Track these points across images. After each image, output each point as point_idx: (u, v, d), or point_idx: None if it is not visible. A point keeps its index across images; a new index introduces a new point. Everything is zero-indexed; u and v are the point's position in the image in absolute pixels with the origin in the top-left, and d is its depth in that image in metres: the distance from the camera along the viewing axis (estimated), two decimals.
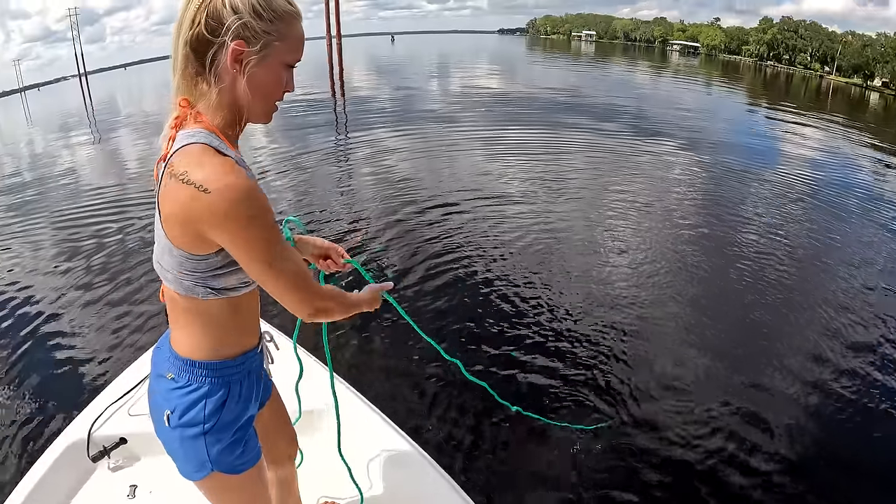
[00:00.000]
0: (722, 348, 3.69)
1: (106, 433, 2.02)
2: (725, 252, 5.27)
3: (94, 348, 4.13)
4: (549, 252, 5.24)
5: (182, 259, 1.01)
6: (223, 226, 0.94)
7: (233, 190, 0.93)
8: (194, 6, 0.97)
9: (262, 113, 1.07)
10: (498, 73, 30.44)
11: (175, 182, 0.95)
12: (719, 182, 7.79)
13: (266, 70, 1.01)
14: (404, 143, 11.04)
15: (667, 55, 67.29)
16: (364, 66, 42.34)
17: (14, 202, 9.85)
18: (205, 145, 0.97)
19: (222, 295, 1.07)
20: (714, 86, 26.62)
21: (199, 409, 1.11)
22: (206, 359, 1.12)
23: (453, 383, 3.32)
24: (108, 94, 50.14)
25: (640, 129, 11.52)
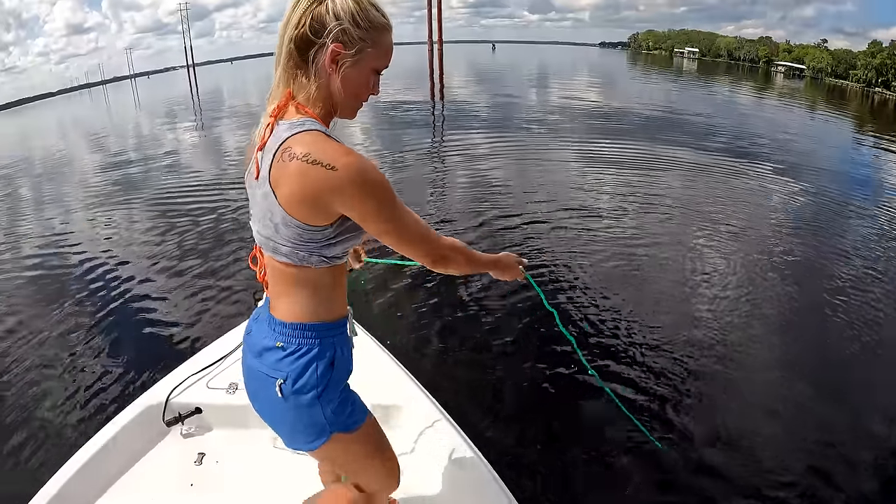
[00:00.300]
0: (807, 386, 3.50)
1: (183, 401, 2.16)
2: (818, 285, 5.02)
3: (180, 320, 4.48)
4: (633, 269, 5.24)
5: (301, 231, 1.14)
6: (352, 196, 1.10)
7: (356, 165, 1.09)
8: (301, 9, 1.13)
9: (350, 109, 1.23)
10: (597, 86, 30.17)
11: (297, 163, 1.09)
12: (817, 212, 7.49)
13: (358, 72, 1.17)
14: (497, 149, 11.41)
15: (771, 76, 63.96)
16: (464, 72, 42.82)
17: (120, 177, 10.79)
18: (319, 132, 1.13)
19: (331, 263, 1.22)
20: (818, 111, 25.12)
21: (311, 373, 1.22)
22: (314, 321, 1.24)
23: (515, 380, 3.47)
24: (214, 85, 53.06)
25: (738, 151, 11.39)
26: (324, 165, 1.08)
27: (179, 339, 4.16)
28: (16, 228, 8.19)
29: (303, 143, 1.11)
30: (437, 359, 3.81)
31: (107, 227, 7.58)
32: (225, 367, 2.32)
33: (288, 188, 1.12)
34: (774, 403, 3.35)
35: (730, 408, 3.27)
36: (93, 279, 5.51)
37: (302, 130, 1.13)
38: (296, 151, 1.10)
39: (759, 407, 3.30)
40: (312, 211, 1.13)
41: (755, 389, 3.48)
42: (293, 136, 1.12)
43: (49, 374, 3.84)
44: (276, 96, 1.19)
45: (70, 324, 4.59)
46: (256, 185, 1.20)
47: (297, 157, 1.10)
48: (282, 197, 1.13)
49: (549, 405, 3.31)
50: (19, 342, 4.35)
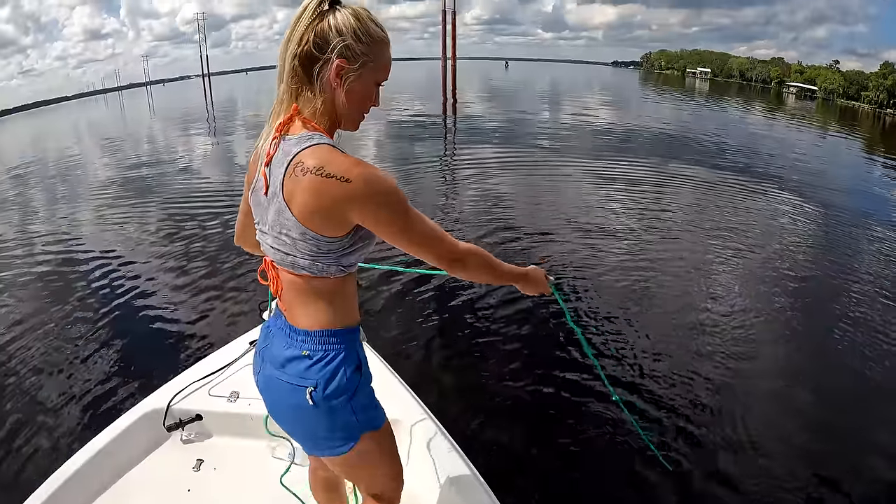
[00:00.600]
0: (813, 414, 3.44)
1: (184, 407, 2.18)
2: (828, 309, 4.95)
3: (185, 326, 4.52)
4: (644, 287, 5.19)
5: (319, 243, 1.16)
6: (367, 206, 1.13)
7: (368, 175, 1.11)
8: (303, 26, 1.14)
9: (353, 121, 1.25)
10: (609, 104, 30.28)
11: (311, 177, 1.11)
12: (828, 234, 7.47)
13: (361, 85, 1.19)
14: (507, 165, 11.51)
15: (782, 97, 63.95)
16: (476, 88, 43.24)
17: (132, 181, 10.98)
18: (329, 145, 1.15)
19: (348, 271, 1.25)
20: (829, 132, 25.10)
21: (340, 377, 1.24)
22: (338, 327, 1.26)
23: (516, 398, 3.43)
24: (228, 95, 53.80)
25: (749, 171, 11.40)
26: (338, 178, 1.10)
27: (184, 345, 4.18)
28: (27, 228, 8.33)
29: (315, 157, 1.12)
30: (434, 370, 3.79)
31: (116, 229, 7.68)
32: (227, 376, 2.34)
33: (302, 202, 1.13)
34: (786, 420, 3.33)
35: (741, 428, 3.21)
36: (101, 281, 5.58)
37: (312, 144, 1.14)
38: (308, 165, 1.12)
39: (772, 425, 3.27)
40: (329, 222, 1.15)
41: (769, 408, 3.45)
42: (304, 151, 1.14)
43: (53, 374, 3.86)
44: (280, 111, 1.21)
45: (76, 324, 4.63)
46: (266, 200, 1.21)
47: (310, 171, 1.11)
48: (297, 211, 1.14)
49: (552, 422, 3.26)
50: (26, 341, 4.38)
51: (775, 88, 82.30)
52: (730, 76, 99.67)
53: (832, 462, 2.96)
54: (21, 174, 14.10)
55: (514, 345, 4.06)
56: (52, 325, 4.65)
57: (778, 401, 3.55)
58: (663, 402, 3.42)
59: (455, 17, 71.77)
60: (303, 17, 1.15)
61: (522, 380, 3.65)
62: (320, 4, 1.15)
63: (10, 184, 13.10)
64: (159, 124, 28.20)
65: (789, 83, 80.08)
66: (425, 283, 4.97)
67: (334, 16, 1.15)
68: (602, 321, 4.47)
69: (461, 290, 4.86)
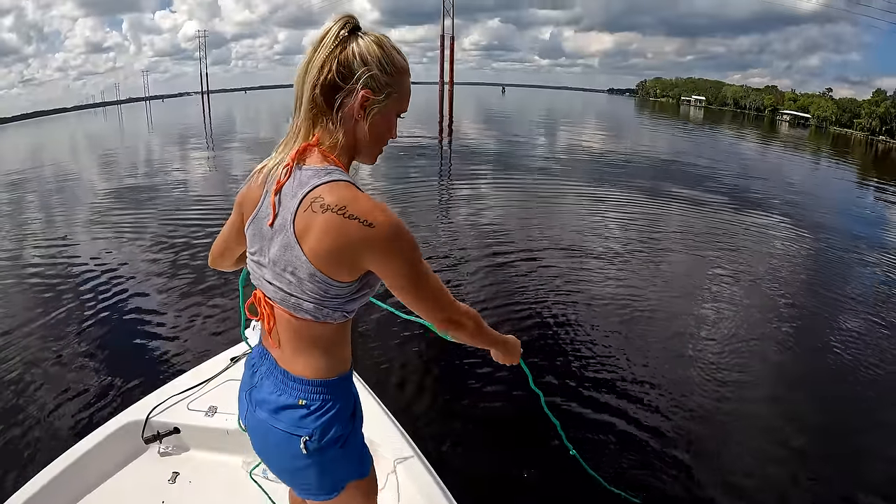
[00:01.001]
0: (805, 447, 3.38)
1: (162, 420, 2.18)
2: (821, 336, 4.93)
3: (168, 339, 4.50)
4: (631, 317, 5.09)
5: (327, 286, 1.10)
6: (384, 255, 1.08)
7: (392, 224, 1.06)
8: (324, 53, 1.09)
9: (372, 155, 1.21)
10: (604, 132, 30.45)
11: (331, 215, 1.05)
12: (820, 260, 7.49)
13: (383, 117, 1.15)
14: (502, 190, 11.55)
15: (776, 125, 64.76)
16: (473, 112, 43.69)
17: (125, 194, 11.04)
18: (349, 182, 1.09)
19: (349, 316, 1.19)
20: (822, 159, 25.45)
21: (337, 426, 1.19)
22: (334, 376, 1.21)
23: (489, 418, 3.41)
24: (227, 113, 54.04)
25: (741, 198, 11.45)
26: (360, 220, 1.04)
27: (165, 357, 4.18)
28: (18, 236, 8.35)
29: (336, 194, 1.06)
30: (412, 394, 3.75)
31: (105, 241, 7.71)
32: (206, 391, 2.34)
33: (317, 240, 1.07)
34: (786, 455, 3.26)
35: (728, 479, 3.07)
36: (87, 292, 5.58)
37: (332, 180, 1.08)
38: (328, 202, 1.05)
39: (772, 461, 3.20)
40: (341, 265, 1.09)
41: (742, 449, 3.34)
42: (323, 185, 1.07)
43: (34, 382, 3.84)
44: (297, 140, 1.14)
45: (60, 333, 4.62)
46: (272, 232, 1.14)
47: (330, 209, 1.05)
48: (309, 249, 1.08)
49: (524, 475, 3.06)
50: (6, 348, 4.37)
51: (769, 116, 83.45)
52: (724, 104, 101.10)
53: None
54: (17, 183, 14.15)
55: (496, 375, 3.92)
56: (34, 333, 4.65)
57: (774, 435, 3.46)
58: (639, 448, 3.27)
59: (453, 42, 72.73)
60: (324, 44, 1.09)
61: (499, 410, 3.60)
62: (342, 30, 1.10)
63: (5, 192, 13.15)
64: (157, 139, 28.32)
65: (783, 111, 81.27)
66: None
67: (357, 43, 1.10)
68: (589, 349, 4.42)
69: None
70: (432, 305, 1.19)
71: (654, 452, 3.20)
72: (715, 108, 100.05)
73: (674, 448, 3.22)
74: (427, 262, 1.15)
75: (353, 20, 1.12)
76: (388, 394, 2.71)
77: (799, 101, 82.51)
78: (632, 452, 3.20)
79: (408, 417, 2.87)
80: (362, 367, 2.68)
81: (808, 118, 73.35)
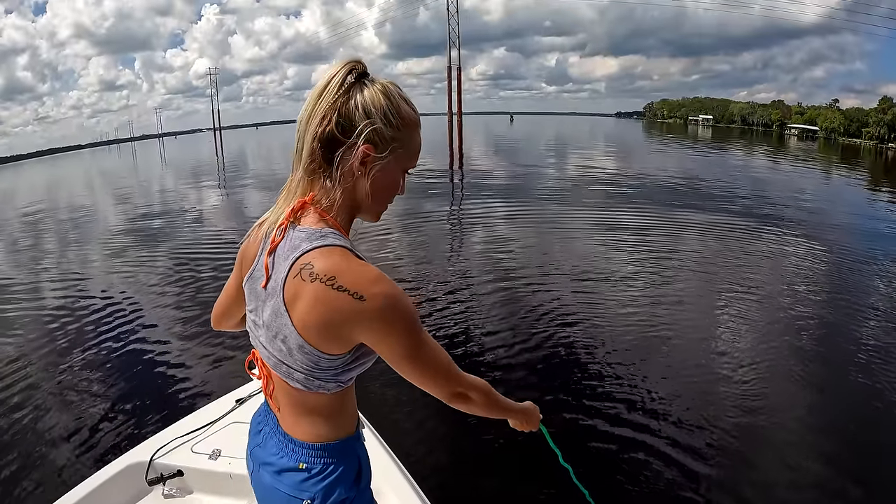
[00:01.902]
0: (834, 463, 3.28)
1: (166, 462, 2.16)
2: (842, 349, 4.83)
3: (174, 380, 4.49)
4: (650, 338, 5.04)
5: (317, 359, 1.03)
6: (378, 330, 0.99)
7: (386, 297, 0.97)
8: (326, 103, 1.00)
9: (375, 213, 1.11)
10: (613, 155, 30.40)
11: (320, 286, 0.96)
12: (839, 273, 7.33)
13: (387, 174, 1.05)
14: (514, 218, 11.55)
15: (785, 139, 64.57)
16: (482, 142, 43.99)
17: (139, 231, 11.33)
18: (344, 248, 1.00)
19: (347, 385, 1.11)
20: (833, 170, 25.30)
21: (340, 490, 1.12)
22: (336, 439, 1.14)
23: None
24: (239, 148, 54.91)
25: (755, 215, 11.33)
26: (350, 293, 0.95)
27: (171, 397, 4.18)
28: (33, 271, 8.61)
29: (326, 262, 0.97)
30: (427, 448, 3.53)
31: (116, 277, 7.85)
32: (210, 434, 2.32)
33: (305, 311, 0.99)
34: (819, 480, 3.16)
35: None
36: (96, 328, 5.66)
37: (325, 245, 0.99)
38: (318, 270, 0.97)
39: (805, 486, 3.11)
40: (330, 339, 1.00)
41: (771, 469, 3.25)
42: (314, 251, 0.99)
43: (39, 418, 3.87)
44: (293, 195, 1.06)
45: (66, 369, 4.67)
46: (265, 294, 1.06)
47: (319, 279, 0.96)
48: (297, 320, 1.00)
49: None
50: (14, 383, 4.45)
51: (777, 131, 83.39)
52: (731, 122, 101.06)
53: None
54: (34, 218, 14.59)
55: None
56: (41, 367, 4.73)
57: (796, 449, 3.40)
58: (673, 456, 3.27)
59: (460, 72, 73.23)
60: (326, 92, 1.01)
61: (518, 466, 3.34)
62: (347, 78, 1.01)
63: (22, 227, 13.61)
64: (170, 176, 28.81)
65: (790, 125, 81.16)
66: None
67: (362, 93, 1.01)
68: (605, 369, 4.36)
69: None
70: (435, 381, 1.11)
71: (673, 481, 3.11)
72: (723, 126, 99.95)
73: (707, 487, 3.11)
74: (428, 334, 1.06)
75: (360, 66, 1.03)
76: (399, 441, 2.62)
77: (806, 114, 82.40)
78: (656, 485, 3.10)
79: (419, 466, 2.81)
80: (373, 410, 2.63)
81: (816, 131, 73.17)
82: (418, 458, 3.28)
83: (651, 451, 3.38)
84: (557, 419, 3.69)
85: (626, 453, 3.39)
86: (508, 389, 3.83)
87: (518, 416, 1.39)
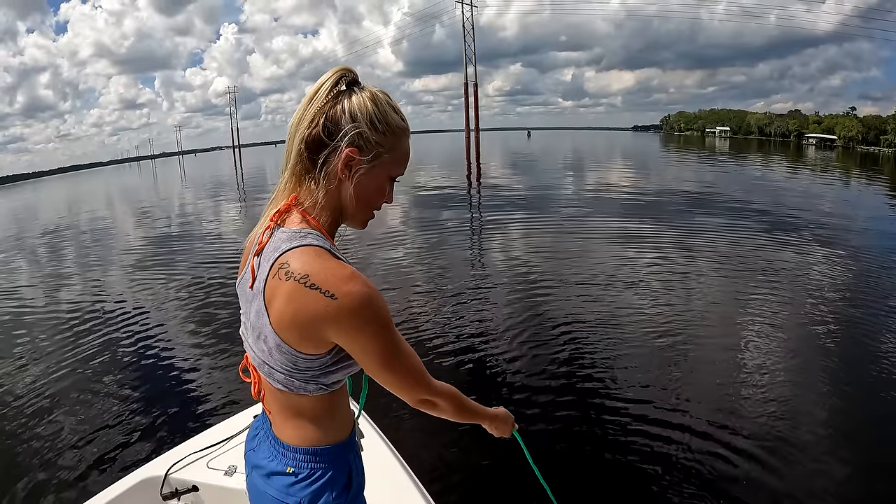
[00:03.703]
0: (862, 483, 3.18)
1: (181, 477, 2.15)
2: (872, 363, 4.64)
3: (191, 394, 4.52)
4: (672, 352, 4.95)
5: (294, 358, 1.03)
6: (349, 330, 0.98)
7: (358, 296, 0.96)
8: (315, 107, 1.03)
9: (360, 219, 1.11)
10: (631, 169, 30.14)
11: (293, 284, 0.97)
12: (864, 282, 7.12)
13: (372, 179, 1.06)
14: (531, 227, 11.70)
15: (803, 149, 63.76)
16: (500, 158, 43.86)
17: (158, 245, 11.72)
18: (321, 248, 1.00)
19: (331, 388, 1.10)
20: (853, 179, 24.85)
21: (327, 495, 1.11)
22: (326, 444, 1.13)
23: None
24: (258, 166, 55.49)
25: (775, 225, 11.18)
26: (322, 291, 0.95)
27: (187, 412, 4.20)
28: (54, 286, 8.77)
29: (302, 261, 0.98)
30: (437, 454, 3.50)
31: (135, 292, 7.94)
32: (226, 450, 2.31)
33: (280, 310, 1.00)
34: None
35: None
36: (114, 342, 5.74)
37: (303, 245, 1.00)
38: (293, 269, 0.98)
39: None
40: (304, 338, 1.00)
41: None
42: (292, 250, 1.00)
43: (56, 431, 3.92)
44: (280, 199, 1.09)
45: (84, 382, 4.73)
46: (251, 295, 1.07)
47: (293, 277, 0.97)
48: (273, 318, 1.01)
49: None
50: (30, 393, 4.54)
51: (794, 141, 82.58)
52: (749, 133, 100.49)
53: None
54: (57, 234, 14.91)
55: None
56: (59, 380, 4.79)
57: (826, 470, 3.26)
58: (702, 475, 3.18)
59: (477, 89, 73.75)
60: (316, 97, 1.04)
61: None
62: (337, 84, 1.04)
63: (44, 243, 13.90)
64: (191, 192, 29.26)
65: (808, 134, 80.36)
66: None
67: (350, 98, 1.03)
68: (625, 387, 4.29)
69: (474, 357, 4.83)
70: (402, 386, 1.11)
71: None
72: (740, 137, 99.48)
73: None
74: (401, 337, 1.06)
75: (351, 73, 1.06)
76: (406, 444, 2.60)
77: (823, 123, 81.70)
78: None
79: (428, 473, 2.78)
80: (381, 414, 2.62)
81: (834, 139, 72.37)
82: (426, 462, 3.28)
83: (668, 463, 3.33)
84: (568, 429, 3.67)
85: (641, 463, 3.35)
86: (521, 398, 4.07)
87: (487, 421, 1.40)
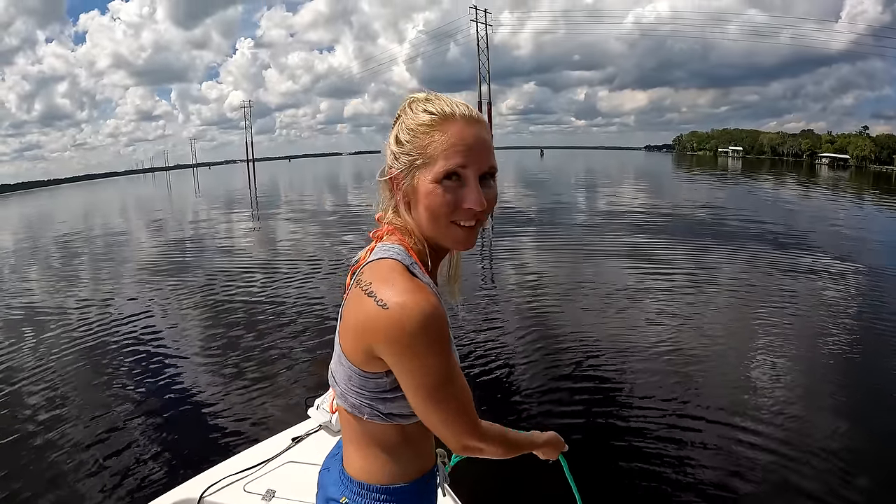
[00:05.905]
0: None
1: (216, 501, 2.09)
2: (886, 386, 4.62)
3: (227, 415, 4.38)
4: (683, 375, 4.88)
5: (350, 372, 0.98)
6: (395, 345, 0.89)
7: (411, 310, 0.87)
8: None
9: (445, 236, 0.99)
10: (643, 189, 29.90)
11: (357, 290, 0.94)
12: (879, 303, 7.03)
13: (420, 189, 0.96)
14: (543, 246, 11.74)
15: (816, 169, 63.31)
16: (513, 176, 43.67)
17: (184, 260, 11.79)
18: (396, 261, 0.95)
19: (390, 420, 1.00)
20: (866, 199, 24.69)
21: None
22: (380, 483, 1.05)
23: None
24: (272, 180, 55.57)
25: (788, 244, 11.20)
26: (376, 300, 0.89)
27: (224, 433, 4.08)
28: (77, 300, 8.61)
29: (372, 270, 0.95)
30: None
31: (165, 307, 7.77)
32: (264, 473, 2.23)
33: (343, 316, 0.99)
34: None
35: None
36: (146, 360, 5.61)
37: (382, 257, 0.96)
38: (363, 277, 0.95)
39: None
40: (357, 349, 0.95)
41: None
42: (372, 262, 0.97)
43: (88, 450, 3.86)
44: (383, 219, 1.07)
45: (117, 402, 4.65)
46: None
47: (360, 283, 0.94)
48: (340, 325, 1.00)
49: None
50: (66, 413, 4.45)
51: (807, 161, 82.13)
52: (762, 152, 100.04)
53: None
54: (75, 243, 14.90)
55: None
56: (92, 400, 4.70)
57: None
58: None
59: (490, 107, 73.73)
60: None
61: None
62: (399, 118, 1.01)
63: (60, 253, 13.86)
64: (204, 204, 29.36)
65: (821, 154, 79.95)
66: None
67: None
68: (640, 408, 4.24)
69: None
70: (448, 427, 0.97)
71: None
72: (753, 157, 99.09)
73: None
74: (457, 367, 0.95)
75: (411, 98, 1.02)
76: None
77: (836, 143, 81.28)
78: None
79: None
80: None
81: (847, 159, 71.94)
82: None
83: (678, 484, 3.31)
84: (583, 447, 3.62)
85: (654, 482, 3.33)
86: (533, 417, 4.09)
87: (544, 446, 1.30)
